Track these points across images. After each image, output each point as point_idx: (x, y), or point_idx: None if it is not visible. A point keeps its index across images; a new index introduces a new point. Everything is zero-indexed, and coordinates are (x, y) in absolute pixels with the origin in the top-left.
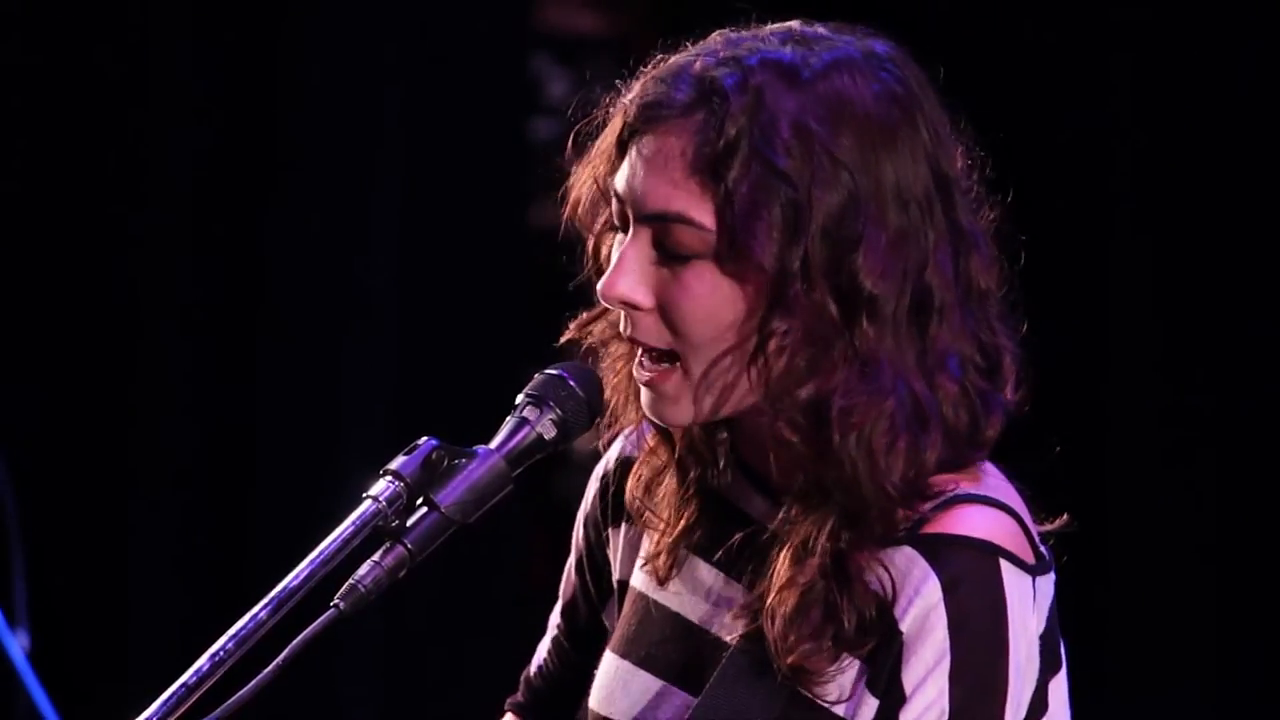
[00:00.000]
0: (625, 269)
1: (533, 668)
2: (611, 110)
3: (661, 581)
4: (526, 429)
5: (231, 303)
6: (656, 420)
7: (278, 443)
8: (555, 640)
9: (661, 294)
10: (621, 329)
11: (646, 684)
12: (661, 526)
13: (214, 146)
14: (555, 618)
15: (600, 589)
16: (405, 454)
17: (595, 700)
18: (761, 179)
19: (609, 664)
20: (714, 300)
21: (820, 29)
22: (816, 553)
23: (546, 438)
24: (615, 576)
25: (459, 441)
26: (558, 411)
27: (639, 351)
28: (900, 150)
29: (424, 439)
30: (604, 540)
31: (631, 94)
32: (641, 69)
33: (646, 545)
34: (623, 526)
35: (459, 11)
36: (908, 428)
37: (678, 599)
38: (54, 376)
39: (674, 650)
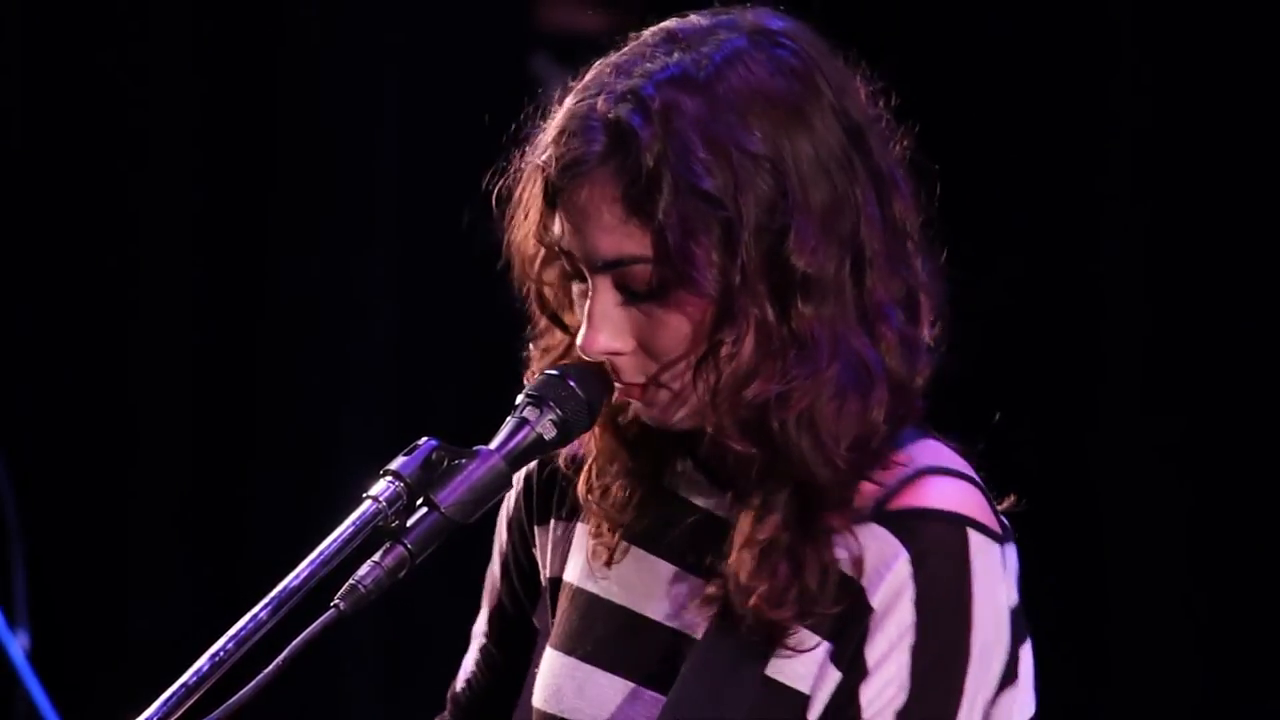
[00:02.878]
0: (599, 322)
1: (459, 684)
2: (524, 167)
3: (607, 575)
4: (526, 429)
5: (232, 302)
6: (659, 426)
7: (277, 443)
8: (483, 649)
9: (638, 333)
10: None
11: (601, 680)
12: (607, 521)
13: (214, 147)
14: (480, 626)
15: (529, 591)
16: (405, 454)
17: (541, 698)
18: (689, 205)
19: (552, 661)
20: (685, 325)
21: (698, 19)
22: (777, 509)
23: (546, 438)
24: (545, 574)
25: (458, 442)
26: (557, 412)
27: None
28: (810, 119)
29: (424, 439)
30: (529, 540)
31: (544, 153)
32: (539, 118)
33: (584, 540)
34: (551, 524)
35: (459, 11)
36: (855, 388)
37: (627, 593)
38: (54, 376)
39: (629, 645)
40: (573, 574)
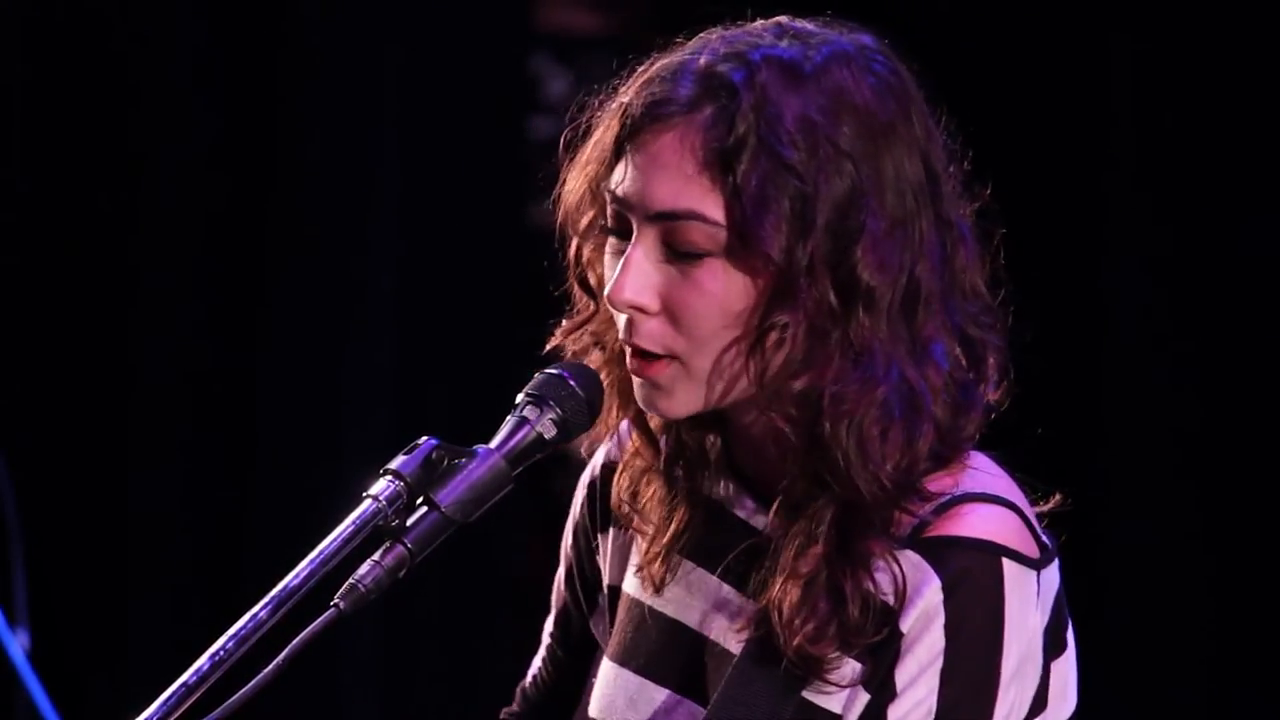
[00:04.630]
0: (633, 272)
1: (527, 679)
2: (601, 113)
3: (657, 588)
4: (526, 428)
5: (232, 303)
6: (650, 411)
7: (278, 442)
8: (549, 649)
9: (668, 295)
10: (621, 335)
11: (651, 693)
12: (650, 532)
13: (214, 146)
14: (549, 627)
15: (590, 598)
16: (405, 453)
17: (596, 708)
18: (770, 172)
19: (608, 672)
20: (724, 297)
21: (808, 24)
22: (819, 542)
23: (546, 437)
24: (605, 582)
25: (459, 441)
26: (558, 411)
27: (629, 350)
28: (897, 142)
29: (424, 438)
30: (594, 547)
31: (630, 95)
32: (635, 69)
33: (638, 551)
34: (611, 531)
35: (459, 11)
36: (902, 415)
37: (677, 606)
38: (54, 377)
39: (677, 658)
40: (630, 584)
